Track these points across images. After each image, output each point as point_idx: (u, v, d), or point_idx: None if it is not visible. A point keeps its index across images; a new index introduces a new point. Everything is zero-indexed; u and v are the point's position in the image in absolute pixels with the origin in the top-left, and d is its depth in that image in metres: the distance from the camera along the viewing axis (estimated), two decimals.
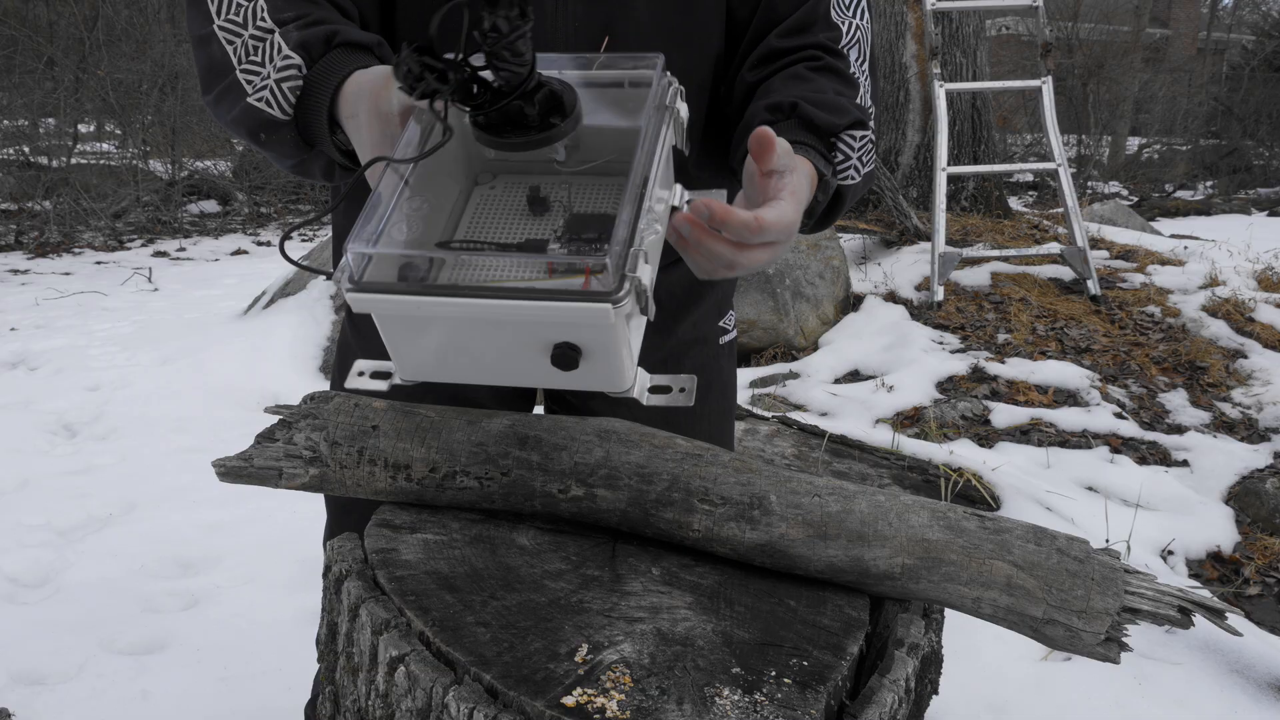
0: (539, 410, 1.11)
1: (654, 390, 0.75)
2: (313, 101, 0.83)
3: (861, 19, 1.01)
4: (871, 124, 0.97)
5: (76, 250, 7.14)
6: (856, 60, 0.99)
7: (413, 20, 0.97)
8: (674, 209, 0.73)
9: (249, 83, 0.84)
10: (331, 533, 1.17)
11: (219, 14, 0.86)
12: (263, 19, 0.85)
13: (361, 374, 0.77)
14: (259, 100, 0.84)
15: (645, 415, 0.95)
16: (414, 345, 0.69)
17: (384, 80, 0.77)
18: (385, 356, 1.09)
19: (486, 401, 1.08)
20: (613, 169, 0.76)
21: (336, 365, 1.17)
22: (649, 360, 1.10)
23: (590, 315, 0.62)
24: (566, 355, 0.65)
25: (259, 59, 0.84)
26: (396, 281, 0.65)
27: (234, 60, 0.85)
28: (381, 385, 0.76)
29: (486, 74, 0.66)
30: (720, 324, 1.17)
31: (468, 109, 0.68)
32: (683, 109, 0.77)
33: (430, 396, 0.94)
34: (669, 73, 0.76)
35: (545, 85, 0.69)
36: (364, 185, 0.74)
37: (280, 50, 0.84)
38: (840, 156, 0.93)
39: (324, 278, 0.80)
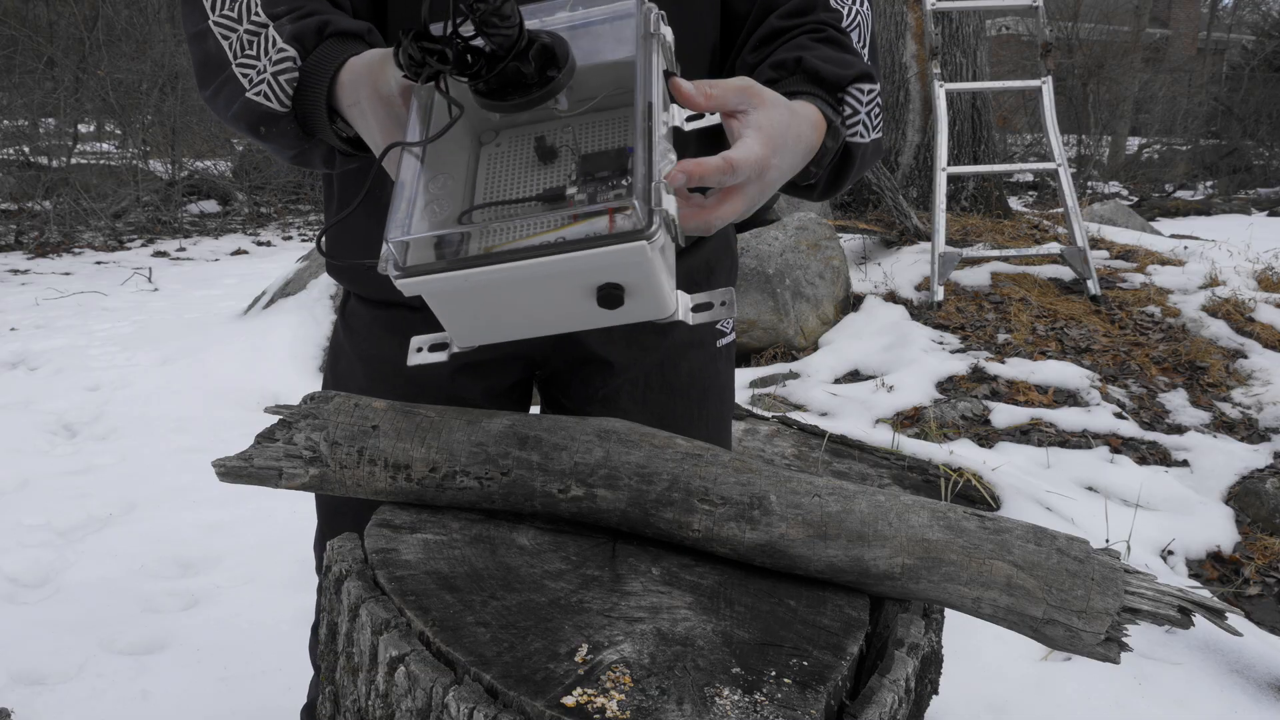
0: (535, 410, 1.11)
1: (697, 309, 0.76)
2: (310, 92, 0.84)
3: (862, 5, 1.00)
4: (879, 85, 0.95)
5: (76, 250, 7.14)
6: (858, 43, 0.99)
7: (403, 6, 0.97)
8: (676, 129, 0.75)
9: (246, 77, 0.85)
10: (323, 535, 1.17)
11: (214, 10, 0.86)
12: (257, 13, 0.86)
13: (420, 349, 0.78)
14: (257, 94, 0.85)
15: (639, 417, 0.95)
16: (465, 315, 0.71)
17: (379, 64, 0.78)
18: (375, 356, 1.10)
19: (480, 404, 1.08)
20: (610, 104, 0.77)
21: (329, 366, 1.17)
22: (645, 362, 1.10)
23: (627, 255, 0.64)
24: (611, 295, 0.67)
25: (254, 52, 0.85)
26: (435, 259, 0.67)
27: (230, 55, 0.86)
28: (442, 356, 0.77)
29: (478, 41, 0.68)
30: (717, 326, 1.16)
31: (466, 79, 0.69)
32: (667, 33, 0.78)
33: (423, 400, 0.94)
34: (648, 1, 0.77)
35: (536, 40, 0.70)
36: (381, 183, 0.75)
37: (275, 43, 0.85)
38: (849, 110, 0.92)
39: (365, 268, 0.82)
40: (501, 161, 0.77)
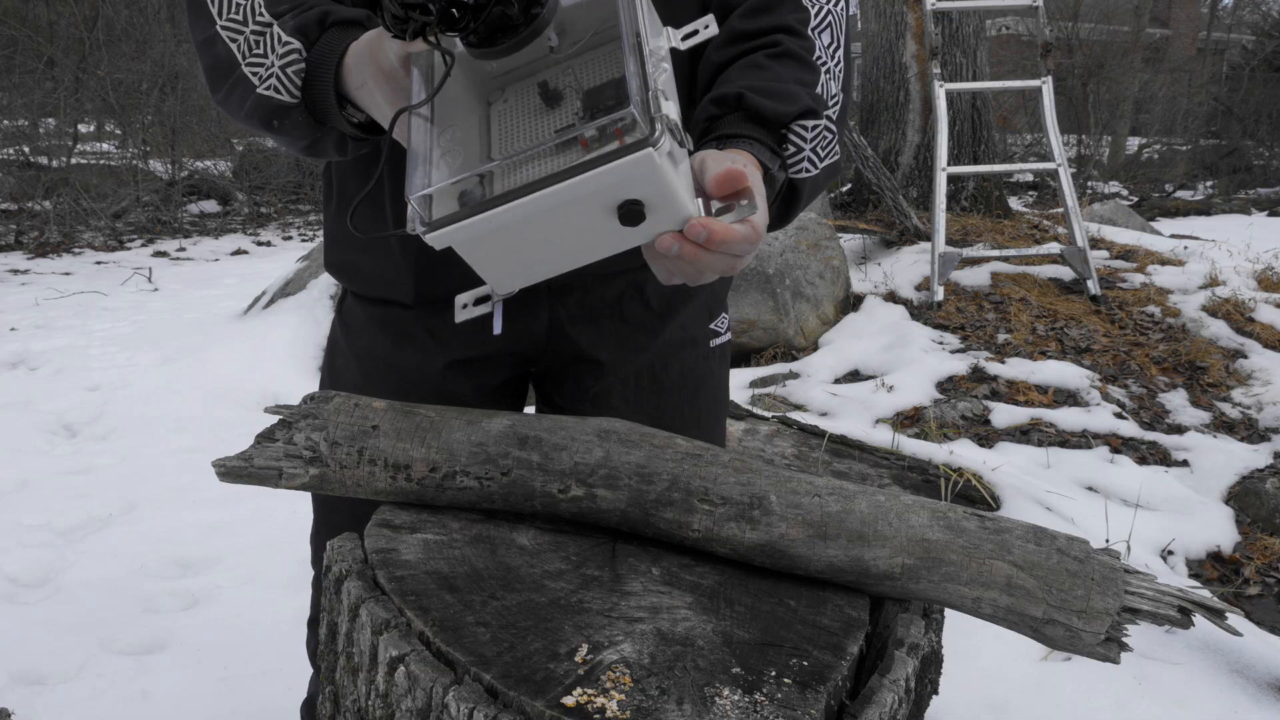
0: (530, 410, 1.11)
1: (720, 213, 0.77)
2: (318, 81, 0.86)
3: (836, 4, 0.97)
4: (830, 112, 0.94)
5: (76, 250, 7.14)
6: (827, 45, 0.96)
7: None
8: (673, 50, 0.76)
9: (255, 75, 0.88)
10: (318, 531, 1.17)
11: (220, 15, 0.89)
12: (261, 14, 0.88)
13: (465, 306, 0.80)
14: (268, 89, 0.87)
15: (631, 417, 0.95)
16: (498, 259, 0.73)
17: (376, 41, 0.80)
18: (369, 352, 1.10)
19: (470, 401, 1.08)
20: (603, 39, 0.78)
21: (325, 365, 1.18)
22: (636, 362, 1.10)
23: (637, 165, 0.65)
24: (632, 211, 0.68)
25: (262, 51, 0.88)
26: (458, 208, 0.69)
27: (238, 56, 0.89)
28: (486, 308, 0.79)
29: None
30: (711, 326, 1.15)
31: (456, 33, 0.71)
32: None
33: (415, 397, 0.94)
34: None
35: None
36: (380, 183, 0.76)
37: (280, 39, 0.87)
38: (791, 149, 0.91)
39: (394, 236, 0.84)
40: (511, 115, 0.78)
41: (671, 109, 0.68)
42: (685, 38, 0.79)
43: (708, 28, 0.79)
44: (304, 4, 0.89)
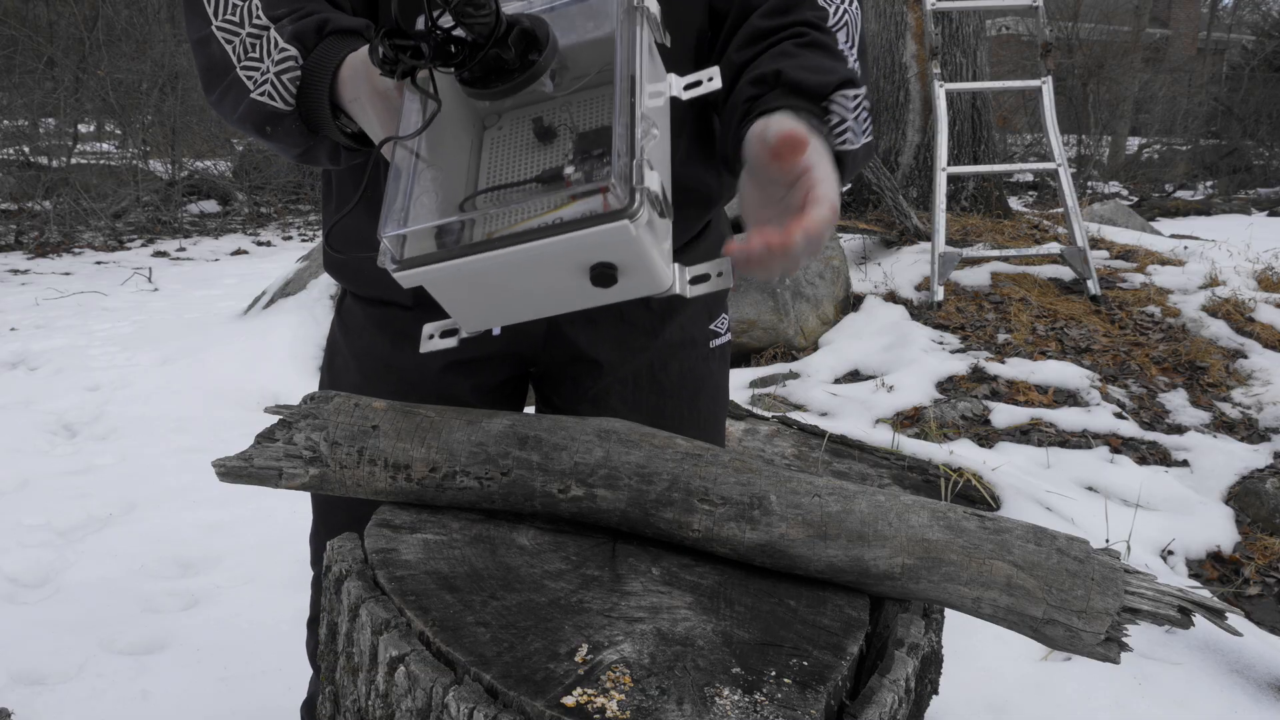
0: (530, 410, 1.11)
1: (694, 281, 0.77)
2: (313, 90, 0.85)
3: (850, 5, 0.99)
4: (864, 88, 0.94)
5: (76, 250, 7.14)
6: (845, 43, 0.97)
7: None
8: (673, 99, 0.75)
9: (250, 79, 0.87)
10: (318, 532, 1.17)
11: (216, 15, 0.88)
12: (258, 16, 0.87)
13: (432, 337, 0.80)
14: (262, 95, 0.86)
15: (630, 418, 0.94)
16: (466, 300, 0.72)
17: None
18: (368, 353, 1.10)
19: (469, 402, 1.08)
20: (603, 79, 0.77)
21: (325, 365, 1.18)
22: (635, 362, 1.10)
23: (612, 235, 0.64)
24: (604, 274, 0.68)
25: (258, 55, 0.87)
26: (435, 249, 0.68)
27: (234, 59, 0.88)
28: (452, 342, 0.79)
29: (458, 31, 0.68)
30: (711, 327, 1.15)
31: (450, 70, 0.70)
32: (651, 4, 0.78)
33: (414, 397, 0.94)
34: None
35: (515, 25, 0.70)
36: (385, 166, 0.76)
37: (276, 44, 0.86)
38: (835, 119, 0.90)
39: (365, 261, 0.83)
40: (503, 144, 0.78)
41: (654, 180, 0.66)
42: (688, 87, 0.78)
43: (711, 80, 0.78)
44: (302, 9, 0.88)
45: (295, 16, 0.87)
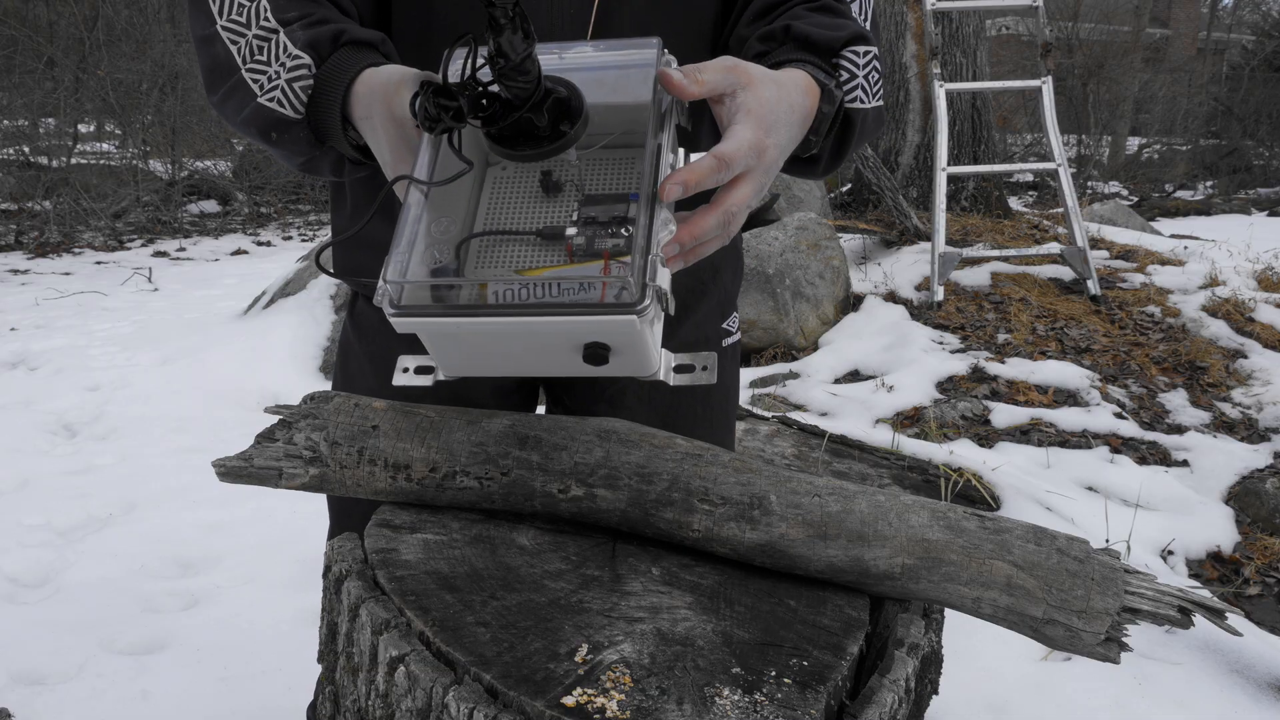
0: (540, 411, 1.11)
1: (678, 370, 0.78)
2: (325, 100, 0.83)
3: None
4: (876, 48, 0.92)
5: (76, 250, 7.14)
6: (859, 14, 0.96)
7: (407, 20, 0.96)
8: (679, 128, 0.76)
9: (256, 83, 0.85)
10: (334, 535, 1.17)
11: (221, 14, 0.86)
12: (266, 19, 0.85)
13: (406, 370, 0.81)
14: (270, 100, 0.84)
15: (645, 416, 0.95)
16: (455, 350, 0.73)
17: (395, 84, 0.77)
18: (386, 358, 1.10)
19: (487, 402, 1.08)
20: (618, 143, 0.77)
21: (338, 365, 1.17)
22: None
23: (616, 326, 0.66)
24: (597, 354, 0.69)
25: (264, 58, 0.85)
26: (430, 299, 0.69)
27: (239, 60, 0.85)
28: (427, 381, 0.80)
29: (496, 88, 0.68)
30: (724, 325, 1.16)
31: (479, 123, 0.70)
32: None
33: (429, 397, 0.94)
34: (667, 51, 0.77)
35: (552, 93, 0.70)
36: (389, 199, 0.75)
37: (287, 49, 0.84)
38: (845, 74, 0.88)
39: (355, 286, 0.81)
40: (506, 187, 0.77)
41: (665, 277, 0.68)
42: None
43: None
44: (313, 14, 0.86)
45: (307, 22, 0.85)
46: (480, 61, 0.67)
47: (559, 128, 0.71)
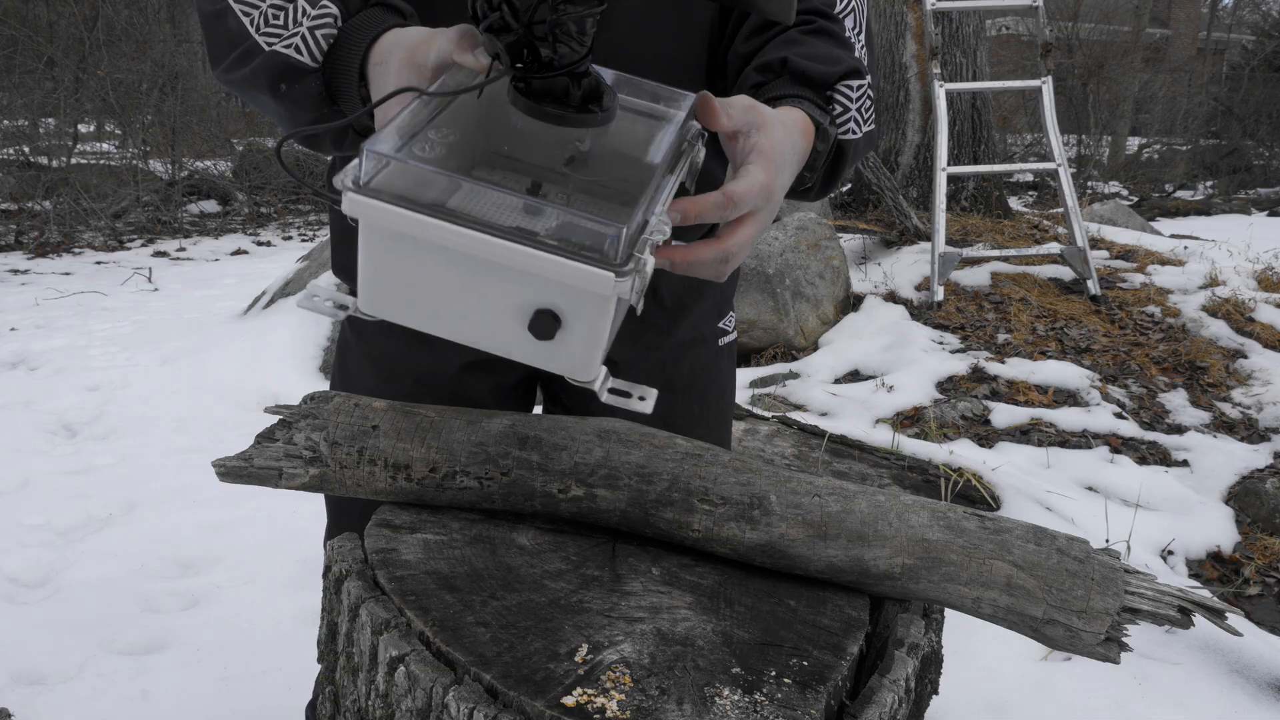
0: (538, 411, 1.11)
1: (613, 392, 0.74)
2: (346, 52, 0.82)
3: None
4: (869, 79, 0.94)
5: (76, 250, 7.14)
6: (852, 29, 0.97)
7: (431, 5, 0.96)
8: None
9: (268, 42, 0.83)
10: (332, 534, 1.17)
11: None
12: None
13: (315, 297, 0.73)
14: (288, 47, 0.82)
15: (645, 417, 0.94)
16: (391, 273, 0.65)
17: (426, 36, 0.76)
18: (384, 356, 1.10)
19: (486, 402, 1.08)
20: (613, 191, 0.75)
21: (336, 365, 1.17)
22: (648, 360, 1.10)
23: (590, 279, 0.61)
24: (546, 323, 0.63)
25: (282, 23, 0.83)
26: (402, 191, 0.62)
27: (251, 29, 0.84)
28: (338, 314, 0.72)
29: (541, 46, 0.65)
30: (720, 325, 1.17)
31: (513, 69, 0.66)
32: (700, 154, 0.77)
33: (430, 398, 0.94)
34: (696, 121, 0.76)
35: (592, 75, 0.68)
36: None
37: (306, 12, 0.83)
38: (838, 108, 0.90)
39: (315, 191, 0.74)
40: (489, 194, 0.75)
41: (651, 265, 0.63)
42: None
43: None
44: None
45: None
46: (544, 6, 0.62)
47: (587, 104, 0.68)
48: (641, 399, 0.75)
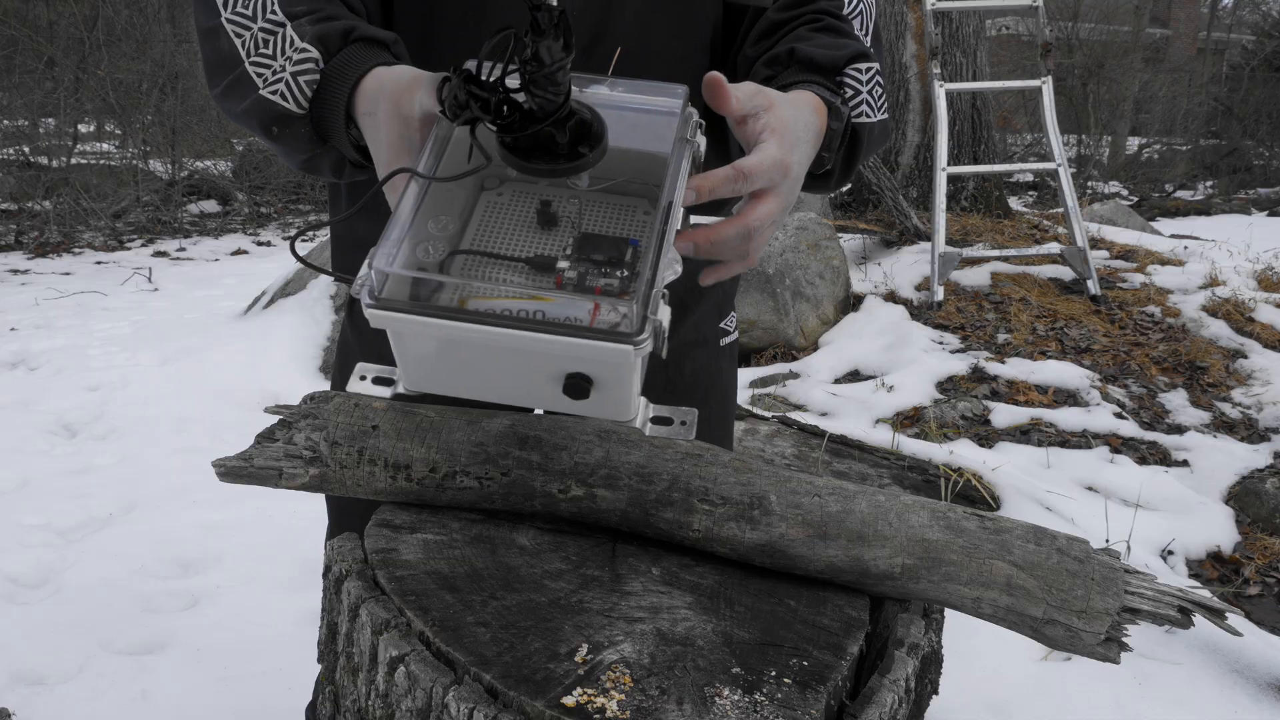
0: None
1: (656, 421, 0.76)
2: (330, 96, 0.82)
3: None
4: (879, 64, 0.94)
5: (76, 250, 7.14)
6: (860, 30, 0.98)
7: (410, 23, 0.96)
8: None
9: (260, 76, 0.83)
10: (333, 534, 1.17)
11: (226, 7, 0.84)
12: (273, 12, 0.83)
13: (364, 378, 0.77)
14: (273, 93, 0.83)
15: None
16: (425, 359, 0.69)
17: (407, 83, 0.75)
18: (387, 358, 1.09)
19: (494, 406, 1.08)
20: (624, 189, 0.75)
21: (337, 365, 1.17)
22: (649, 362, 1.10)
23: (610, 355, 0.63)
24: (579, 386, 0.66)
25: (270, 51, 0.83)
26: (411, 296, 0.65)
27: (242, 53, 0.84)
28: (384, 392, 0.76)
29: (521, 97, 0.66)
30: (721, 325, 1.16)
31: (496, 128, 0.67)
32: (701, 142, 0.77)
33: (428, 397, 0.93)
34: (692, 106, 0.76)
35: (576, 114, 0.68)
36: (378, 197, 0.73)
37: (294, 43, 0.82)
38: (850, 90, 0.90)
39: (331, 278, 0.77)
40: (500, 212, 0.74)
41: (665, 315, 0.65)
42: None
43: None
44: (322, 10, 0.85)
45: (316, 17, 0.84)
46: (511, 67, 0.64)
47: (577, 149, 0.69)
48: (683, 423, 0.77)
